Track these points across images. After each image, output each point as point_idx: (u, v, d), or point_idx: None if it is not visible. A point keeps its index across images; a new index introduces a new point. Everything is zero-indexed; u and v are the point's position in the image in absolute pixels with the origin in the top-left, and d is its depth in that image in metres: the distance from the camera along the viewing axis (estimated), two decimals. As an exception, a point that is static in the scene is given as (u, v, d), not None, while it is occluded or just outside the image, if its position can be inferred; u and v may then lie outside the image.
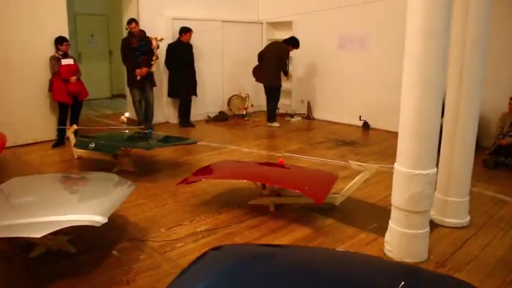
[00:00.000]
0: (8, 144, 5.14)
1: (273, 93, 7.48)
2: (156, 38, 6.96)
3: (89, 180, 3.70)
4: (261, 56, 7.46)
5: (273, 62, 7.28)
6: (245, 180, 3.99)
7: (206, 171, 4.13)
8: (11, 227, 2.33)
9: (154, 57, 7.00)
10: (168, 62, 7.21)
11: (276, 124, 7.51)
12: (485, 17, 3.16)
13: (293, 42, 7.39)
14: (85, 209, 2.76)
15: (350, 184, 3.89)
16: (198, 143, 5.58)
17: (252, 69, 7.67)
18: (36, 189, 3.31)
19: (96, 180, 3.66)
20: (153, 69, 7.04)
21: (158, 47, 6.97)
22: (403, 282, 1.43)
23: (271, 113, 7.57)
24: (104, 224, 2.59)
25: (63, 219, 2.49)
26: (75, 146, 5.12)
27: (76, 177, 3.93)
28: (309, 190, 3.55)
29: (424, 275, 1.77)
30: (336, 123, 7.76)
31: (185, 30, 7.08)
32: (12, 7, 5.68)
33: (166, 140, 5.42)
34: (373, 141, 6.43)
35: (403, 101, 2.76)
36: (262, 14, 8.85)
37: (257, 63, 7.55)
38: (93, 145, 4.73)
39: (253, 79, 7.73)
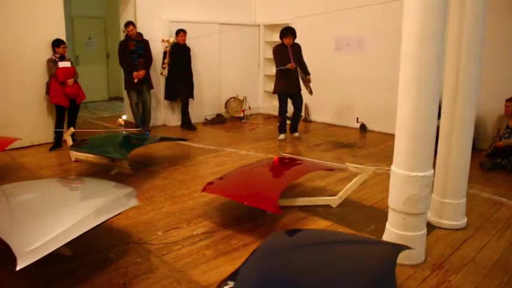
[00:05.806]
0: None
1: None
2: (168, 41, 6.96)
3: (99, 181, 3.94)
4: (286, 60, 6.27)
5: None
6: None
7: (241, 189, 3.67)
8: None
9: (166, 61, 6.98)
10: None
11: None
12: (480, 19, 3.17)
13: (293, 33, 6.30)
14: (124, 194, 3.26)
15: (347, 186, 3.90)
16: (196, 145, 5.55)
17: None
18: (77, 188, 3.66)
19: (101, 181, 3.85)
20: (165, 73, 7.04)
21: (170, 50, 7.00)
22: None
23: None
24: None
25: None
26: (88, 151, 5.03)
27: (88, 180, 4.10)
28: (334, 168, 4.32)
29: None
30: (333, 125, 7.77)
31: (176, 32, 7.09)
32: (9, 10, 5.67)
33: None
34: (370, 144, 6.44)
35: (399, 103, 2.76)
36: (259, 17, 8.87)
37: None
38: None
39: (251, 82, 7.67)
